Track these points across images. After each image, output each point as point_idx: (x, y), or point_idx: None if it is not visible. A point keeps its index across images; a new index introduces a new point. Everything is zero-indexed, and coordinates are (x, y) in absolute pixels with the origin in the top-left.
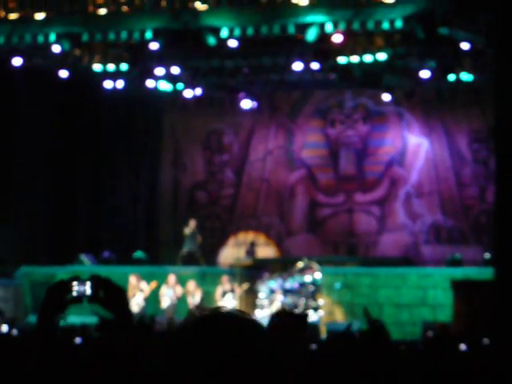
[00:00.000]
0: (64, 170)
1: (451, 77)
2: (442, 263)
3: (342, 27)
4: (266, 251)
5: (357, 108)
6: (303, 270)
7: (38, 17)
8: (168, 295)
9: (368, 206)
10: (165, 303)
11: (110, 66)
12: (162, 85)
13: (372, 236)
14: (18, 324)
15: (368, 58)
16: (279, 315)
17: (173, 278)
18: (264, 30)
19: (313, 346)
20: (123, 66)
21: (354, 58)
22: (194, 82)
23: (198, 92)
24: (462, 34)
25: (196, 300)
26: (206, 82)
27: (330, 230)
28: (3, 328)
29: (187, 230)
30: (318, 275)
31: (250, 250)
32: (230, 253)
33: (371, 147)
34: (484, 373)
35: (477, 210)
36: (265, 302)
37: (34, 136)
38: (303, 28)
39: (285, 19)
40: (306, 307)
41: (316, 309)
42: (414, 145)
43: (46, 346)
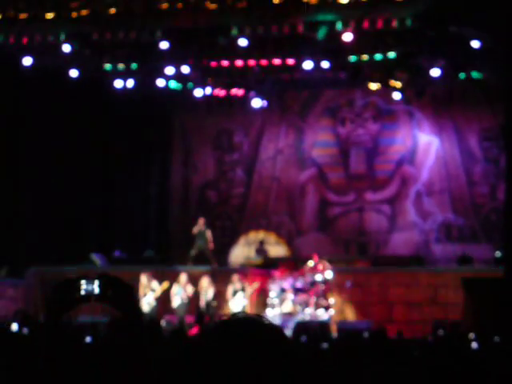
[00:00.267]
0: (74, 169)
1: (462, 75)
2: (453, 261)
3: (352, 26)
4: (277, 250)
5: (367, 106)
6: (314, 269)
7: (48, 16)
8: (179, 294)
9: (378, 204)
10: (176, 302)
11: (120, 66)
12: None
13: (382, 235)
14: (28, 323)
15: (378, 56)
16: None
17: (184, 277)
18: (274, 29)
19: (324, 345)
20: (133, 66)
21: (364, 57)
22: (204, 82)
23: (208, 91)
24: (473, 32)
25: (209, 297)
26: (216, 81)
27: (341, 228)
28: (14, 327)
29: (196, 229)
30: (328, 274)
31: (259, 249)
32: (241, 252)
33: (382, 146)
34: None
35: (487, 208)
36: (275, 301)
37: (44, 136)
38: (313, 27)
39: (295, 18)
40: (317, 306)
41: (327, 307)
42: (424, 143)
43: (53, 344)
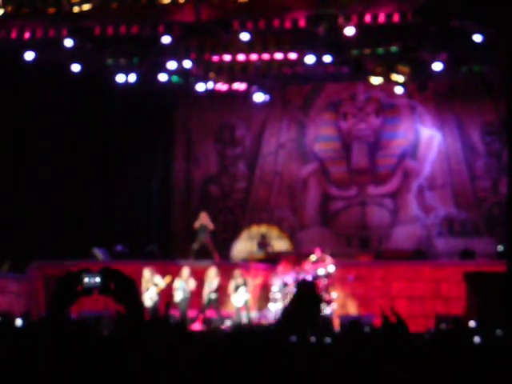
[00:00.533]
0: (76, 164)
1: (464, 69)
2: (455, 256)
3: (354, 20)
4: (280, 244)
5: (369, 101)
6: (316, 263)
7: (50, 11)
8: (181, 288)
9: (381, 198)
10: (178, 297)
11: (122, 61)
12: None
13: (385, 229)
14: (31, 318)
15: (380, 50)
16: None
17: (186, 271)
18: (276, 24)
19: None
20: (135, 60)
21: (366, 51)
22: (206, 76)
23: (210, 86)
24: (475, 26)
25: (212, 287)
26: (218, 75)
27: (343, 223)
28: (17, 322)
29: (197, 223)
30: (331, 268)
31: (261, 243)
32: (243, 246)
33: (384, 140)
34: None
35: (490, 203)
36: (278, 296)
37: (46, 130)
38: (315, 21)
39: (296, 12)
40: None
41: (329, 302)
42: (426, 137)
43: (56, 337)
